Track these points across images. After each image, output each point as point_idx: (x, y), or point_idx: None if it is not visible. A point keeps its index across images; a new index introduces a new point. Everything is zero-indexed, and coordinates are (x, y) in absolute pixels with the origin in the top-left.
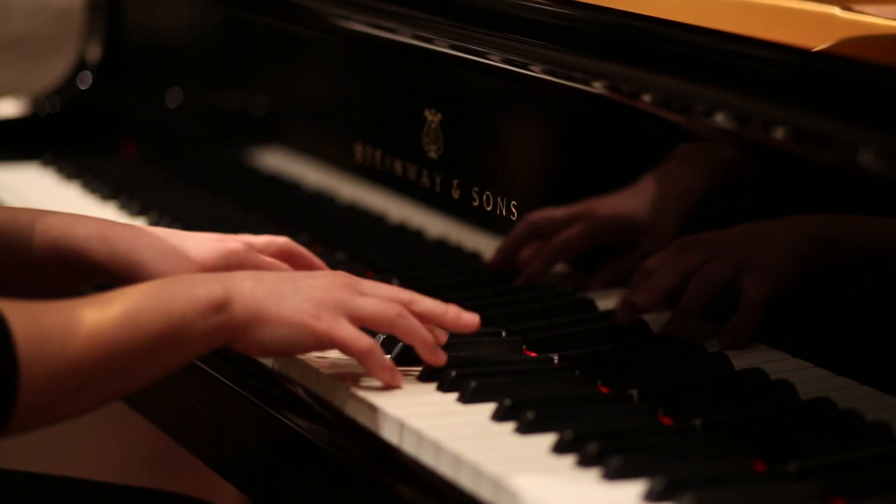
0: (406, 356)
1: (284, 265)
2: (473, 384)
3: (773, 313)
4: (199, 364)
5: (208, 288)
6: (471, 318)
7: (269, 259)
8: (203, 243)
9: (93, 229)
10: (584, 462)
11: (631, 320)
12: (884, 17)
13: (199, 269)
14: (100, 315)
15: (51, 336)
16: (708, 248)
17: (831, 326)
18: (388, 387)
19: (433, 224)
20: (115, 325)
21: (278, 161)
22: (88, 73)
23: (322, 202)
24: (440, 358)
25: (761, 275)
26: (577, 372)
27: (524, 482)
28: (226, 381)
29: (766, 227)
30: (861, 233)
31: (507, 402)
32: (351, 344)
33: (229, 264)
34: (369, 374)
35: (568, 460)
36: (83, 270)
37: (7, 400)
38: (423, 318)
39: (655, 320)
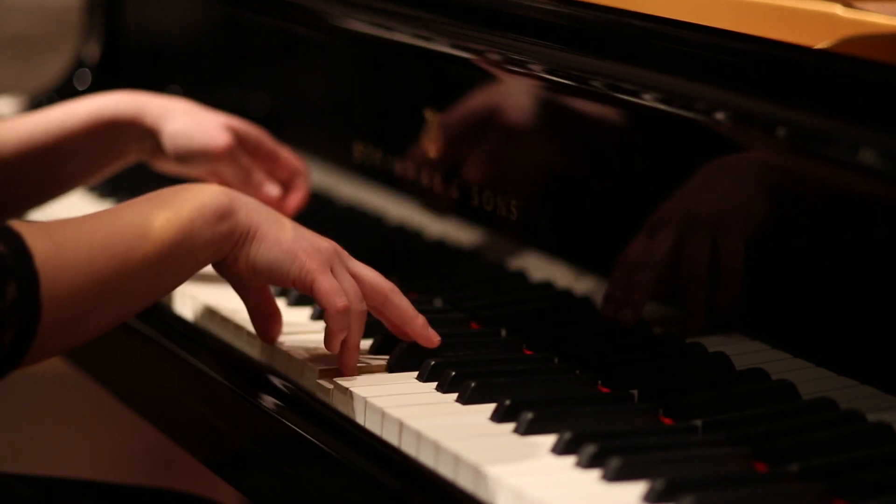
0: (405, 359)
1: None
2: (473, 384)
3: (774, 313)
4: (198, 364)
5: (215, 197)
6: (434, 335)
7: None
8: (222, 120)
9: (123, 95)
10: (584, 463)
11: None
12: (885, 16)
13: (219, 131)
14: (111, 227)
15: (66, 248)
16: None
17: (833, 326)
18: (348, 373)
19: (433, 223)
20: (127, 235)
21: None
22: (87, 71)
23: (321, 201)
24: (335, 347)
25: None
26: (577, 372)
27: (524, 483)
28: (225, 382)
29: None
30: (862, 232)
31: (507, 402)
32: (329, 293)
33: (248, 138)
34: (328, 333)
35: (568, 461)
36: (117, 134)
37: (32, 313)
38: (395, 311)
39: (657, 321)
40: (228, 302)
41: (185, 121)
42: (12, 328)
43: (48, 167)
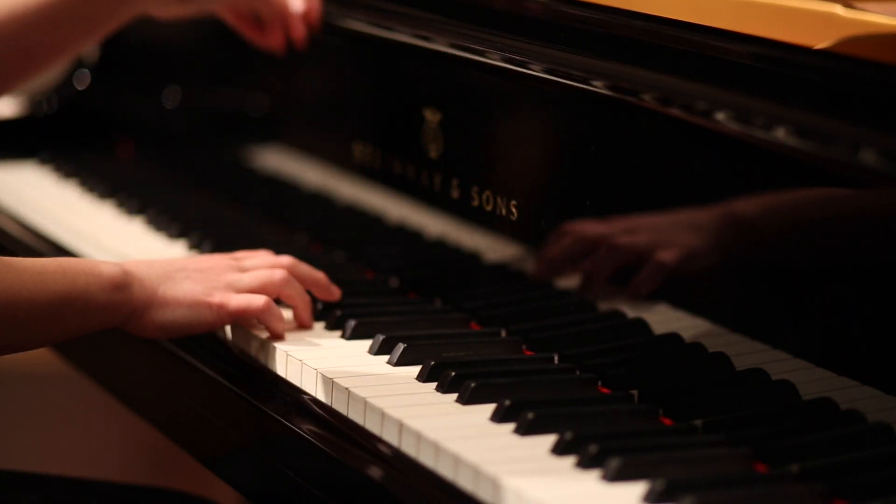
0: (406, 358)
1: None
2: (473, 385)
3: (774, 313)
4: (195, 362)
5: (109, 267)
6: (336, 290)
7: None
8: None
9: None
10: (584, 463)
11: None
12: (886, 16)
13: None
14: (11, 269)
15: None
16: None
17: (833, 327)
18: (299, 330)
19: (432, 224)
20: (22, 279)
21: (277, 160)
22: (86, 72)
23: (321, 201)
24: (281, 329)
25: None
26: (578, 372)
27: (524, 483)
28: (223, 381)
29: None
30: (862, 232)
31: (507, 402)
32: (246, 308)
33: None
34: (268, 328)
35: (568, 461)
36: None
37: None
38: (301, 279)
39: (655, 319)
40: None
41: None
42: None
43: (36, 37)
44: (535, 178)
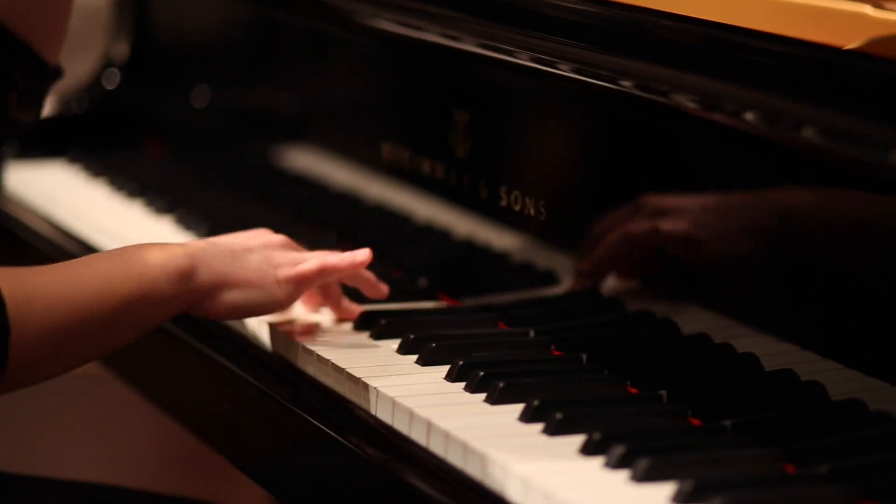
0: (435, 358)
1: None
2: (501, 385)
3: (804, 315)
4: (228, 365)
5: (177, 258)
6: (384, 288)
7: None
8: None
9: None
10: (613, 464)
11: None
12: None
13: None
14: (79, 280)
15: (36, 298)
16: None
17: (863, 328)
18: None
19: (460, 224)
20: (94, 288)
21: (306, 160)
22: (116, 71)
23: (349, 201)
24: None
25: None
26: (606, 372)
27: (552, 483)
28: (255, 383)
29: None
30: (893, 233)
31: (535, 402)
32: (313, 271)
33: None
34: (352, 275)
35: (596, 462)
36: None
37: (1, 361)
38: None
39: (685, 319)
40: None
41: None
42: None
43: None
44: (563, 178)
